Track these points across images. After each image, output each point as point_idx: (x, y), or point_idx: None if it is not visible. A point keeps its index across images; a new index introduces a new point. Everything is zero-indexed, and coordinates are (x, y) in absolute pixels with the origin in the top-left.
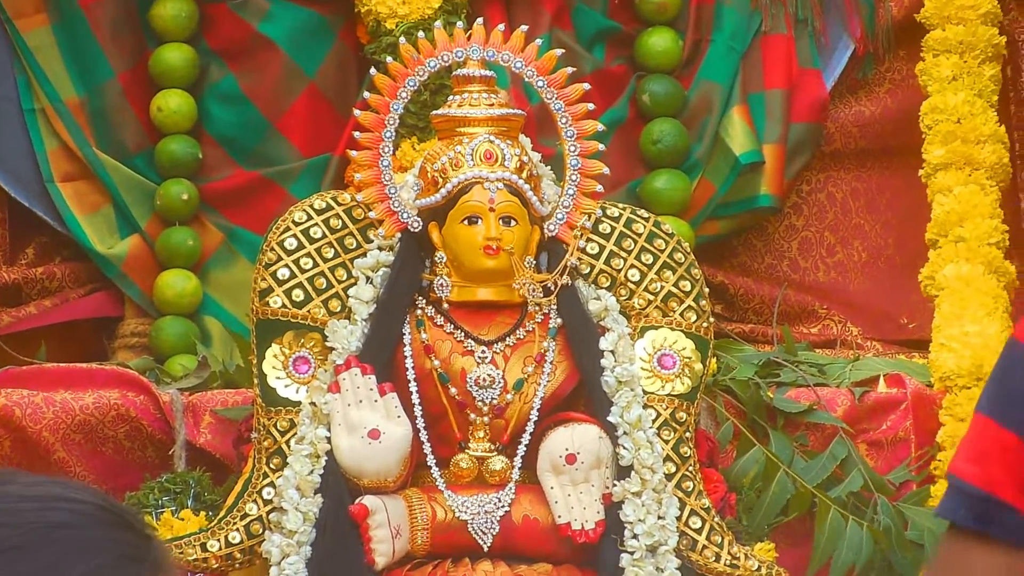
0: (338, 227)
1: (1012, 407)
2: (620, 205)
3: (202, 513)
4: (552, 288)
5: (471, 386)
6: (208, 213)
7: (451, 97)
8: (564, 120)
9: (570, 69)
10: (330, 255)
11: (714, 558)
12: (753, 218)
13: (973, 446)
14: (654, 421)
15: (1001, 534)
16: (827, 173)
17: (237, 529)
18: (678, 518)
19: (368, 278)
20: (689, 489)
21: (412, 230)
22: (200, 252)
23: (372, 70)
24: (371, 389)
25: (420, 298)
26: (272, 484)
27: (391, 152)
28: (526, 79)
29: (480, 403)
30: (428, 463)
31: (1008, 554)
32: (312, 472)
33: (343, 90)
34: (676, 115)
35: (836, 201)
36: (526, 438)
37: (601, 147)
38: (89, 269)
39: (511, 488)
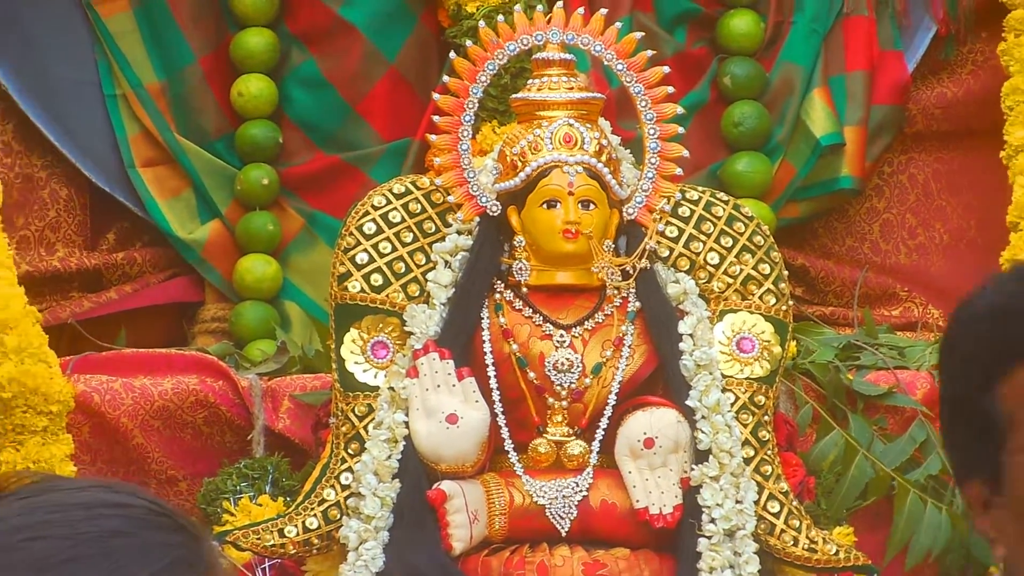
0: (417, 211)
1: None
2: (699, 188)
3: (280, 499)
4: (631, 271)
5: (549, 370)
6: (288, 198)
7: (530, 81)
8: (643, 103)
9: (650, 52)
10: (409, 239)
11: (792, 542)
12: (834, 200)
13: None
14: (732, 405)
15: None
16: (909, 155)
17: (315, 515)
18: (756, 502)
19: (447, 262)
20: (767, 473)
21: (491, 214)
22: (280, 237)
23: (452, 54)
24: (449, 374)
25: (498, 282)
26: (350, 469)
27: (470, 136)
28: (606, 62)
29: (558, 387)
30: (506, 448)
31: None
32: (390, 457)
33: (424, 74)
34: (757, 97)
35: (918, 183)
36: (604, 422)
37: (681, 130)
38: (169, 254)
39: (589, 472)
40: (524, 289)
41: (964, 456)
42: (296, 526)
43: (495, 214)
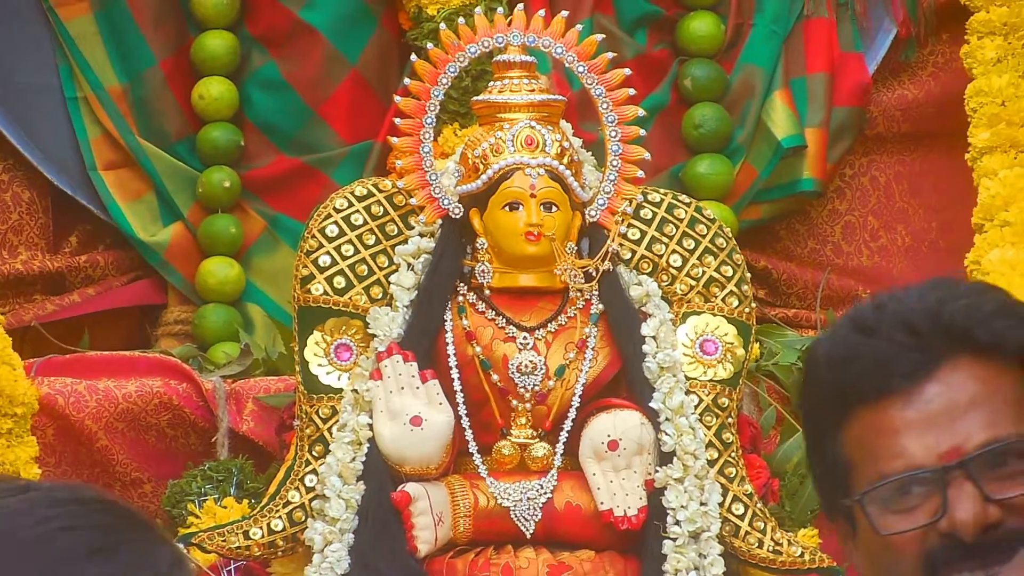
0: (379, 214)
1: None
2: (661, 190)
3: (245, 501)
4: (593, 274)
5: (513, 372)
6: (250, 200)
7: (492, 83)
8: (605, 105)
9: (611, 54)
10: (371, 242)
11: (757, 544)
12: (796, 203)
13: None
14: (696, 407)
15: None
16: (870, 157)
17: (279, 516)
18: (720, 504)
19: (409, 265)
20: (732, 475)
21: (453, 216)
22: (242, 239)
23: (413, 56)
24: (413, 376)
25: (461, 284)
26: (314, 471)
27: (432, 138)
28: (567, 65)
29: (522, 390)
30: (470, 450)
31: None
32: (354, 459)
33: (385, 76)
34: (718, 100)
35: (879, 185)
36: (568, 424)
37: (642, 132)
38: (132, 257)
39: (553, 475)
40: (487, 291)
41: (825, 496)
42: (261, 528)
43: (457, 216)
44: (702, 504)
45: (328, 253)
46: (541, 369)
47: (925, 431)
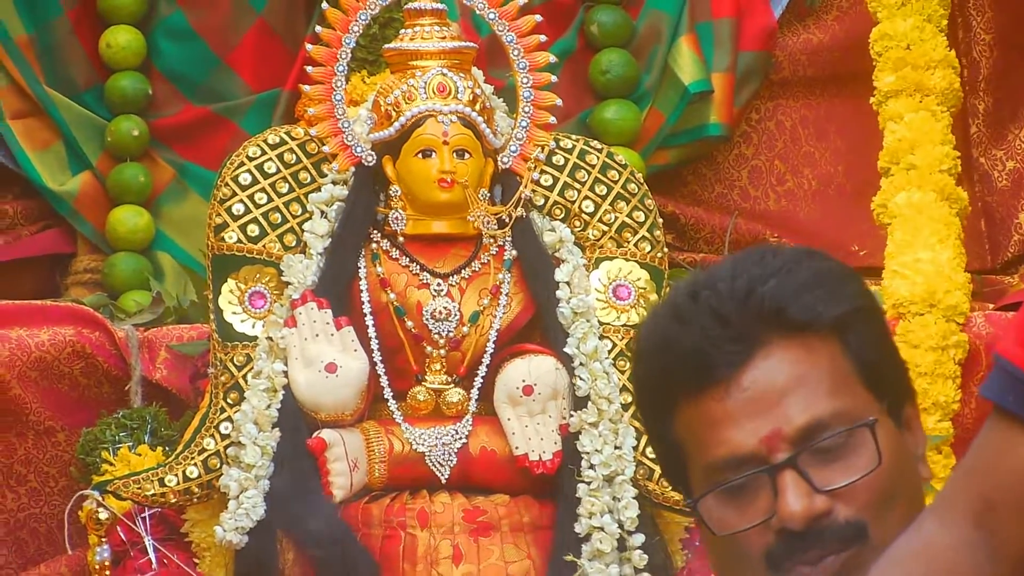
0: (292, 162)
1: None
2: (573, 137)
3: (159, 448)
4: (507, 220)
5: (427, 319)
6: (159, 149)
7: (403, 31)
8: (516, 52)
9: (521, 0)
10: (284, 190)
11: (671, 487)
12: (703, 147)
13: None
14: (610, 352)
15: None
16: (776, 101)
17: (195, 464)
18: (635, 448)
19: (323, 212)
20: None
21: (366, 164)
22: (151, 188)
23: (324, 4)
24: (327, 323)
25: (375, 232)
26: (230, 419)
27: (343, 86)
28: (477, 12)
29: (436, 336)
30: (385, 396)
31: None
32: (269, 406)
33: (292, 24)
34: (625, 45)
35: (786, 129)
36: (483, 370)
37: (553, 78)
38: (41, 206)
39: (468, 420)
40: (400, 238)
41: (670, 477)
42: (177, 475)
43: (370, 164)
44: (616, 448)
45: (241, 201)
46: (455, 315)
47: (746, 420)
